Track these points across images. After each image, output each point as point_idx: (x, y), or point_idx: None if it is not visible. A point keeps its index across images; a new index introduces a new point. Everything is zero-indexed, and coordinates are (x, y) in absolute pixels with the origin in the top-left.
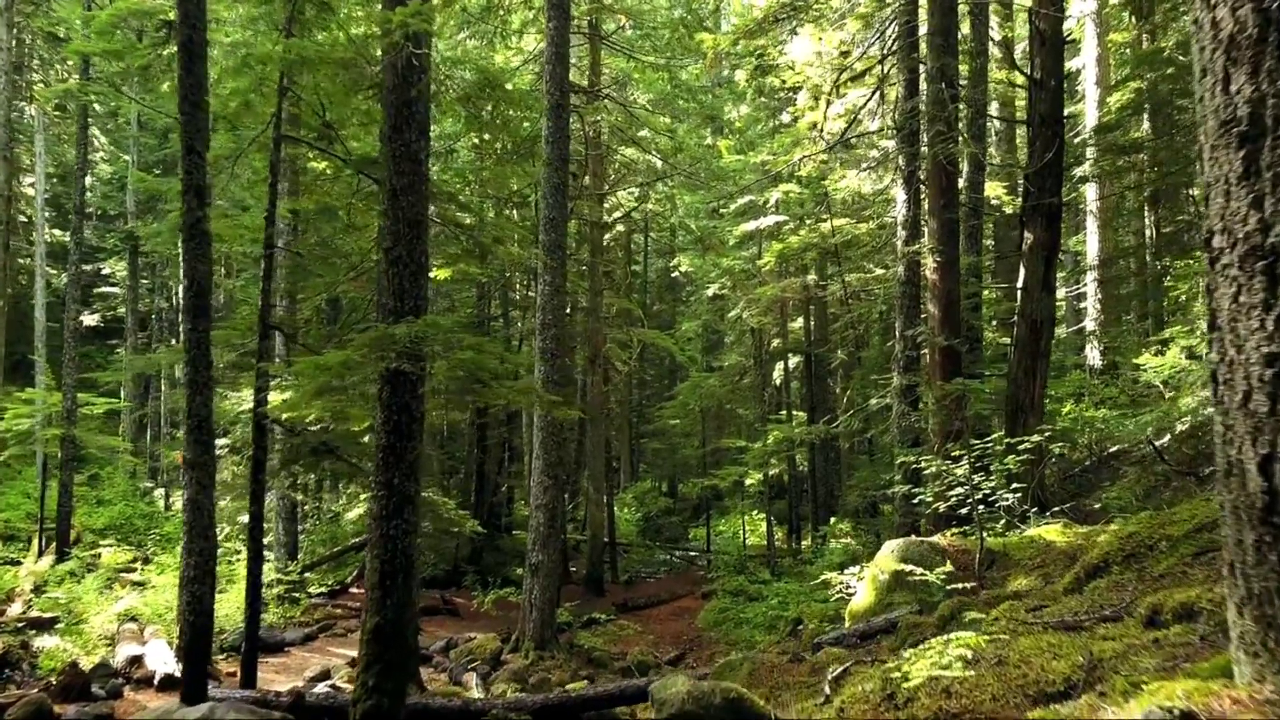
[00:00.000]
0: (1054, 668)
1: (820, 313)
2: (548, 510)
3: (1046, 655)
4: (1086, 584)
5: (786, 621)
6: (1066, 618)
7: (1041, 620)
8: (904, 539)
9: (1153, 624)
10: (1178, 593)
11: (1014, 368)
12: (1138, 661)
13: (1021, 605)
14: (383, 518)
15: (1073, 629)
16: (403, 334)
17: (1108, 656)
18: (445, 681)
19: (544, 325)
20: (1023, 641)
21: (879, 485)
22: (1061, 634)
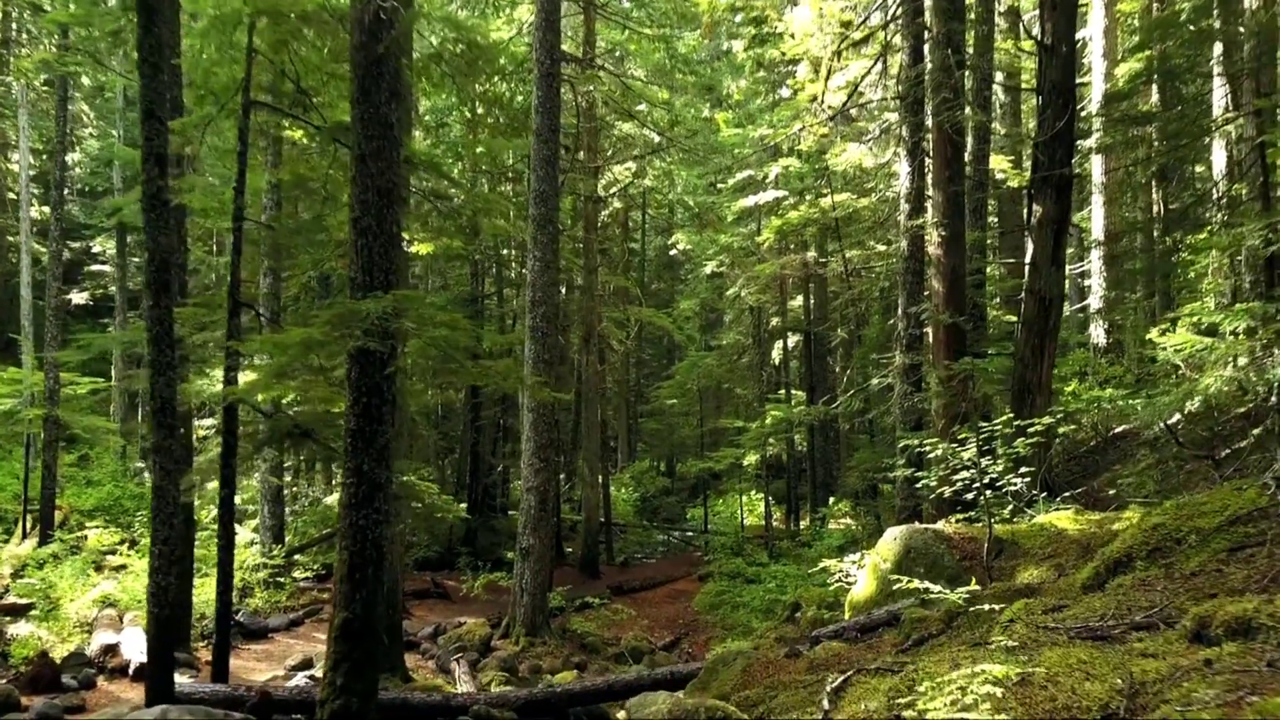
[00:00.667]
0: (1088, 691)
1: (820, 290)
2: (539, 493)
3: (1077, 674)
4: (1109, 580)
5: (784, 606)
6: (1092, 622)
7: (1064, 625)
8: (907, 526)
9: (1200, 639)
10: (1229, 604)
11: (1021, 346)
12: (1191, 689)
13: (1038, 604)
14: (352, 506)
15: (1102, 639)
16: (369, 310)
17: (1151, 680)
18: (432, 669)
19: (534, 303)
20: (1047, 655)
21: (880, 467)
22: (1090, 645)
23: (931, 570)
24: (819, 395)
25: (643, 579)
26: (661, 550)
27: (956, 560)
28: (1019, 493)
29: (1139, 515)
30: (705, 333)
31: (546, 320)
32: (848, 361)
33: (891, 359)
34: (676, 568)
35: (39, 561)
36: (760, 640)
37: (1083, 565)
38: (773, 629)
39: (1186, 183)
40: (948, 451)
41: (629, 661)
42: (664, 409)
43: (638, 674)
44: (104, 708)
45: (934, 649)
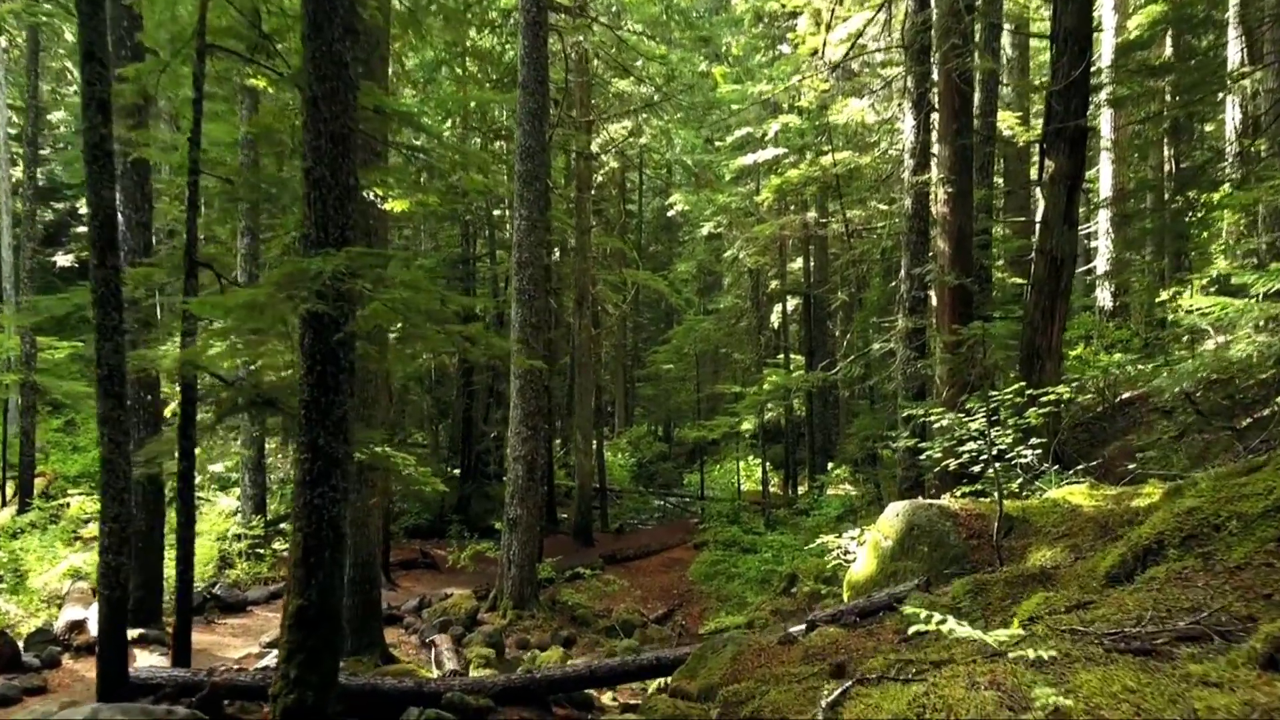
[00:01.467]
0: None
1: (820, 252)
2: (526, 462)
3: (1125, 707)
4: (1137, 571)
5: (780, 577)
6: (1129, 627)
7: (1095, 630)
8: (910, 502)
9: (1275, 666)
10: None
11: (1030, 309)
12: None
13: (1060, 598)
14: (306, 484)
15: (1145, 653)
16: (319, 269)
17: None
18: (415, 644)
19: (520, 264)
20: (1082, 677)
21: (880, 435)
22: (1132, 662)
23: (936, 549)
24: (818, 360)
25: (637, 547)
26: (658, 516)
27: (963, 539)
28: (1029, 465)
29: (1160, 491)
30: (703, 296)
31: (534, 283)
32: (848, 325)
33: (893, 323)
34: (672, 534)
35: (13, 531)
36: (755, 614)
37: (1103, 548)
38: (768, 602)
39: (1198, 141)
40: (954, 422)
41: (620, 635)
42: (660, 374)
43: (622, 659)
44: (66, 688)
45: (941, 645)
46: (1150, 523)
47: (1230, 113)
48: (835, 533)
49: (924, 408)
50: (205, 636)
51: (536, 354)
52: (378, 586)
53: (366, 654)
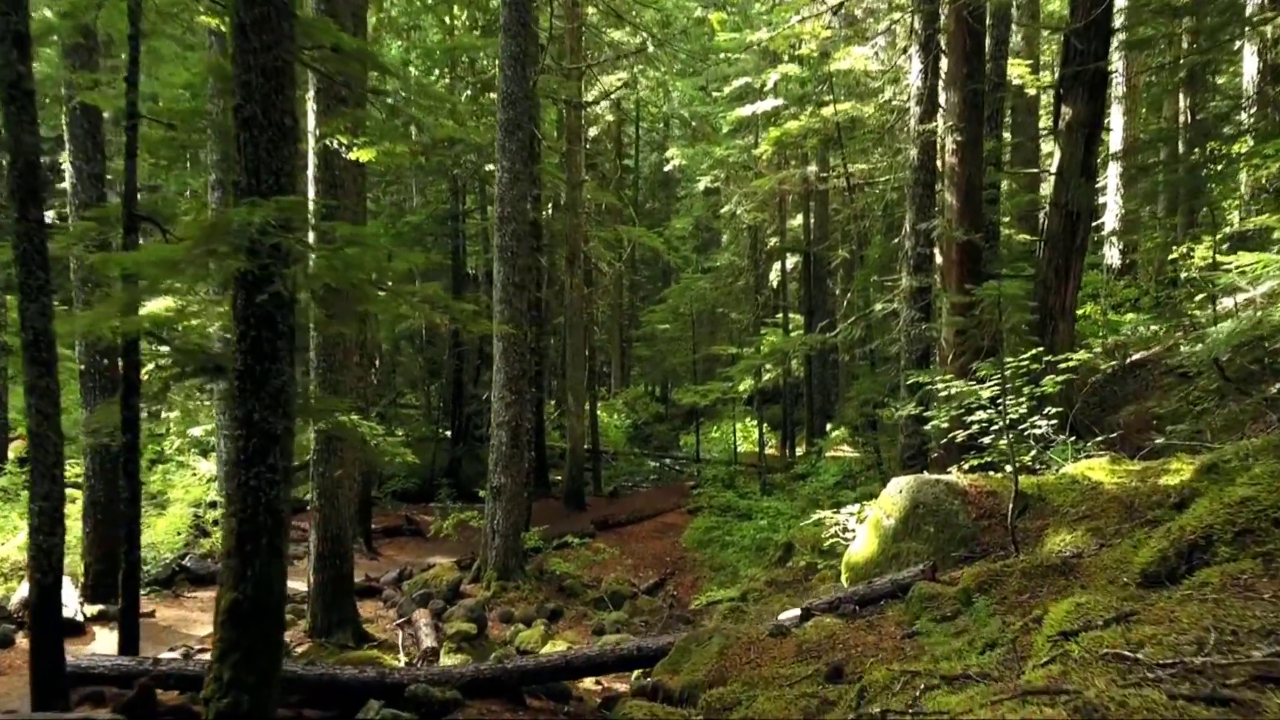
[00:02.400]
0: None
1: (821, 208)
2: (511, 428)
3: None
4: (1182, 571)
5: (776, 546)
6: (1189, 656)
7: (1147, 659)
8: (914, 477)
9: None
10: None
11: (1043, 267)
12: None
13: (1094, 604)
14: (241, 463)
15: (1219, 702)
16: (245, 221)
17: None
18: (393, 619)
19: (503, 219)
20: None
21: (880, 401)
22: (1200, 711)
23: (943, 530)
24: (818, 319)
25: (629, 512)
26: (653, 478)
27: (972, 519)
28: (1042, 437)
29: (1191, 468)
30: (701, 253)
31: (517, 239)
32: (848, 284)
33: (896, 282)
34: (666, 498)
35: None
36: (750, 585)
37: (1130, 533)
38: (763, 573)
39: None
40: (965, 391)
41: (608, 607)
42: (655, 334)
43: (600, 649)
44: (16, 670)
45: (953, 650)
46: (1195, 513)
47: (1248, 61)
48: (833, 501)
49: (930, 376)
50: (171, 611)
51: (521, 314)
52: (349, 561)
53: (339, 632)
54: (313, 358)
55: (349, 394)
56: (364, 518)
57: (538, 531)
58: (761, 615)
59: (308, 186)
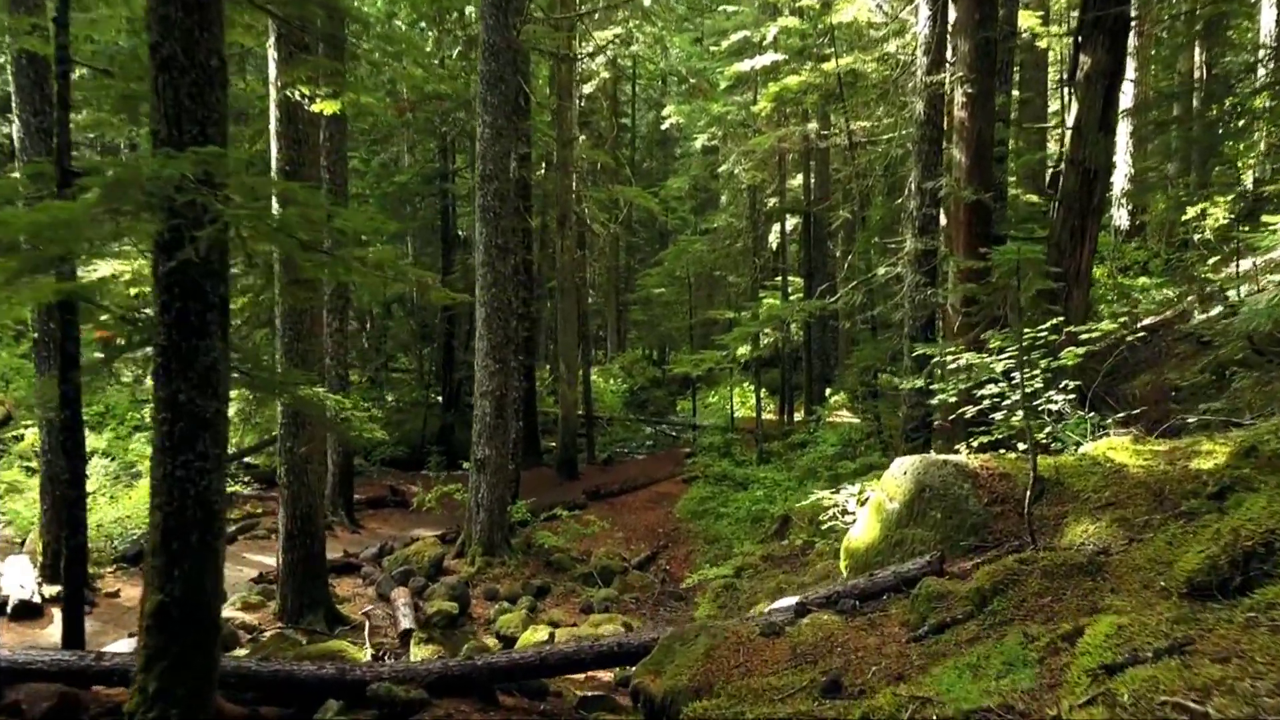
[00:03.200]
0: None
1: (822, 167)
2: (495, 398)
3: None
4: (1236, 582)
5: (772, 519)
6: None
7: (1216, 718)
8: (920, 458)
9: None
10: None
11: (1056, 229)
12: None
13: (1139, 624)
14: (166, 450)
15: None
16: (156, 174)
17: None
18: (372, 598)
19: (485, 177)
20: None
21: (883, 365)
22: None
23: (951, 516)
24: (818, 282)
25: (623, 481)
26: (649, 444)
27: (983, 504)
28: (1058, 413)
29: (1226, 450)
30: (698, 214)
31: (500, 198)
32: (849, 245)
33: (900, 244)
34: (661, 466)
35: None
36: (745, 560)
37: (1163, 525)
38: (759, 548)
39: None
40: (977, 364)
41: (597, 583)
42: (651, 298)
43: (578, 646)
44: None
45: (965, 651)
46: (1249, 512)
47: (1266, 13)
48: (831, 472)
49: (938, 348)
50: (138, 590)
51: (505, 279)
52: (320, 540)
53: (310, 615)
54: (278, 325)
55: (318, 364)
56: (345, 489)
57: (525, 504)
58: (755, 595)
59: (270, 142)
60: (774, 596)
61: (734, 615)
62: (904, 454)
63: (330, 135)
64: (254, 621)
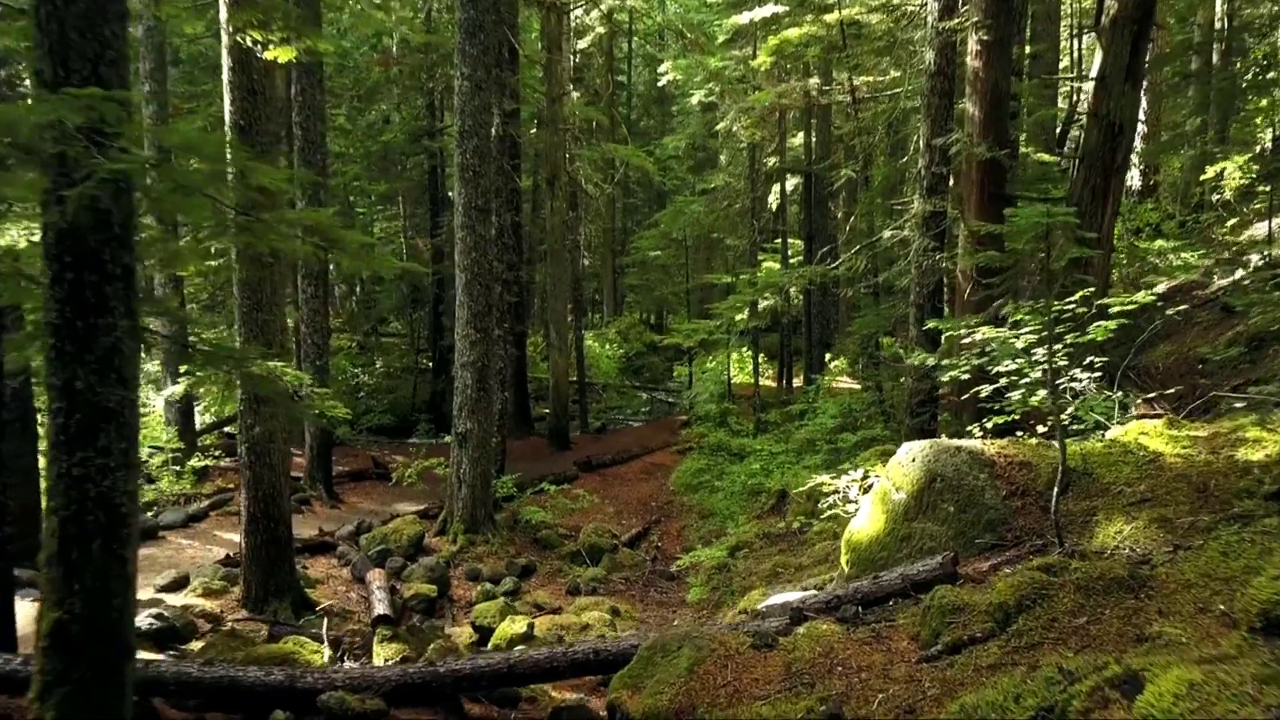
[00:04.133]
0: None
1: (824, 125)
2: (476, 369)
3: None
4: None
5: (769, 494)
6: None
7: None
8: (930, 443)
9: None
10: None
11: (1077, 188)
12: None
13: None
14: (61, 445)
15: None
16: (24, 118)
17: None
18: (347, 580)
19: (464, 134)
20: None
21: (887, 329)
22: None
23: (966, 510)
24: (819, 244)
25: (616, 451)
26: (645, 411)
27: (1001, 496)
28: (1081, 392)
29: (1277, 438)
30: (696, 174)
31: (480, 156)
32: (851, 206)
33: (907, 205)
34: (656, 435)
35: None
36: (741, 537)
37: (1214, 530)
38: (755, 525)
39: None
40: (996, 339)
41: (585, 562)
42: (647, 260)
43: (550, 652)
44: None
45: (986, 680)
46: None
47: None
48: (830, 447)
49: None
50: None
51: (486, 242)
52: (285, 523)
53: (275, 601)
54: (235, 294)
55: (280, 335)
56: (323, 462)
57: (510, 479)
58: (750, 578)
59: (223, 94)
60: (769, 581)
61: (726, 600)
62: (908, 429)
63: (303, 89)
64: (215, 609)
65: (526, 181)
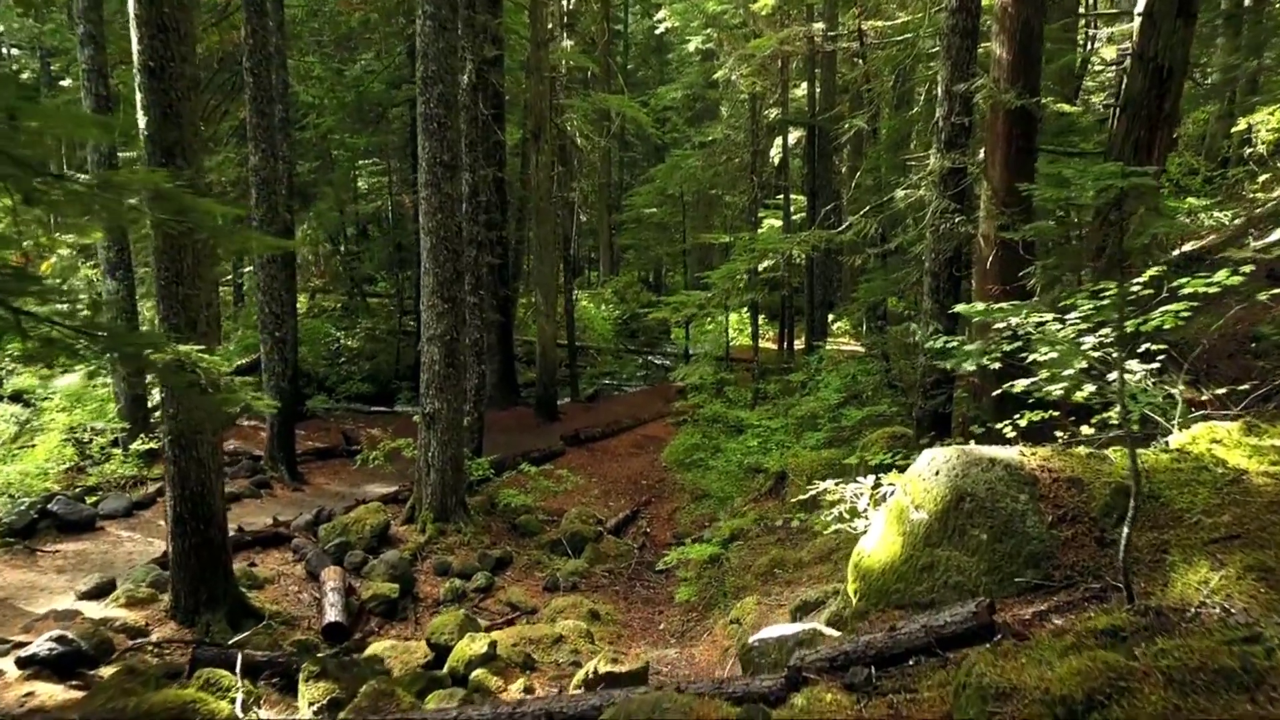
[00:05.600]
0: None
1: (828, 74)
2: (444, 343)
3: None
4: None
5: (767, 475)
6: None
7: None
8: (957, 451)
9: None
10: None
11: (1118, 141)
12: None
13: None
14: None
15: None
16: None
17: None
18: (300, 578)
19: (427, 80)
20: None
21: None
22: None
23: (1002, 539)
24: (823, 201)
25: (606, 423)
26: (641, 376)
27: (1046, 525)
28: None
29: None
30: (693, 126)
31: (445, 105)
32: (856, 160)
33: (921, 160)
34: (650, 403)
35: None
36: (738, 522)
37: None
38: (752, 510)
39: None
40: (1045, 334)
41: (566, 553)
42: (641, 218)
43: (493, 711)
44: None
45: None
46: None
47: None
48: (834, 425)
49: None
50: (18, 574)
51: (454, 201)
52: (217, 524)
53: (208, 612)
54: (153, 265)
55: (206, 311)
56: (285, 441)
57: (487, 461)
58: (744, 577)
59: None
60: (765, 579)
61: (718, 602)
62: (920, 413)
63: (252, 30)
64: (140, 621)
65: (515, 134)
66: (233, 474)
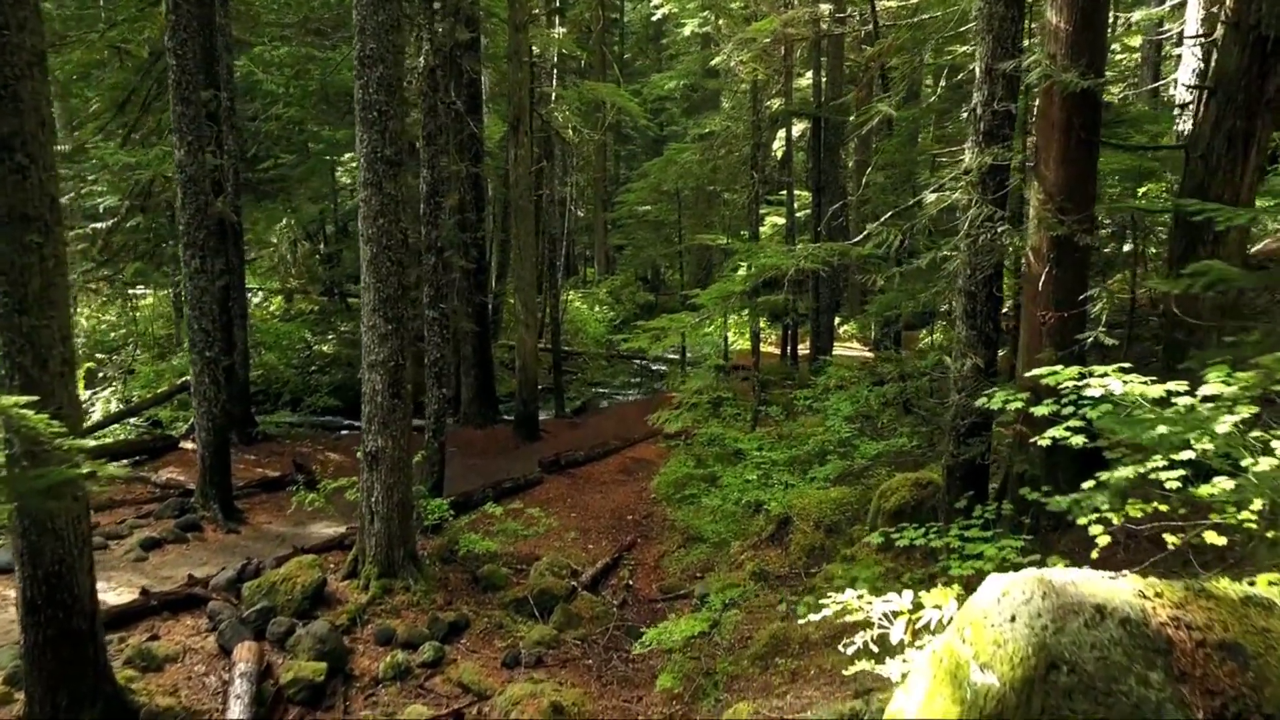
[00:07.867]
0: None
1: (835, 61)
2: (387, 371)
3: None
4: None
5: (769, 518)
6: None
7: None
8: (1038, 583)
9: None
10: None
11: (1205, 131)
12: None
13: None
14: None
15: None
16: None
17: None
18: (210, 653)
19: (365, 61)
20: None
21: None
22: None
23: None
24: (828, 199)
25: (592, 444)
26: (635, 383)
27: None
28: None
29: None
30: (690, 117)
31: (386, 90)
32: (864, 153)
33: (953, 155)
34: (641, 419)
35: None
36: (729, 581)
37: None
38: (751, 559)
39: None
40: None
41: (533, 614)
42: (635, 215)
43: None
44: None
45: None
46: None
47: None
48: (844, 459)
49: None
50: None
51: (397, 203)
52: (82, 609)
53: (76, 714)
54: None
55: (59, 345)
56: (219, 474)
57: (445, 503)
58: (739, 663)
59: None
60: (763, 667)
61: (708, 692)
62: (951, 462)
63: (176, 4)
64: None
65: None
66: (157, 514)
